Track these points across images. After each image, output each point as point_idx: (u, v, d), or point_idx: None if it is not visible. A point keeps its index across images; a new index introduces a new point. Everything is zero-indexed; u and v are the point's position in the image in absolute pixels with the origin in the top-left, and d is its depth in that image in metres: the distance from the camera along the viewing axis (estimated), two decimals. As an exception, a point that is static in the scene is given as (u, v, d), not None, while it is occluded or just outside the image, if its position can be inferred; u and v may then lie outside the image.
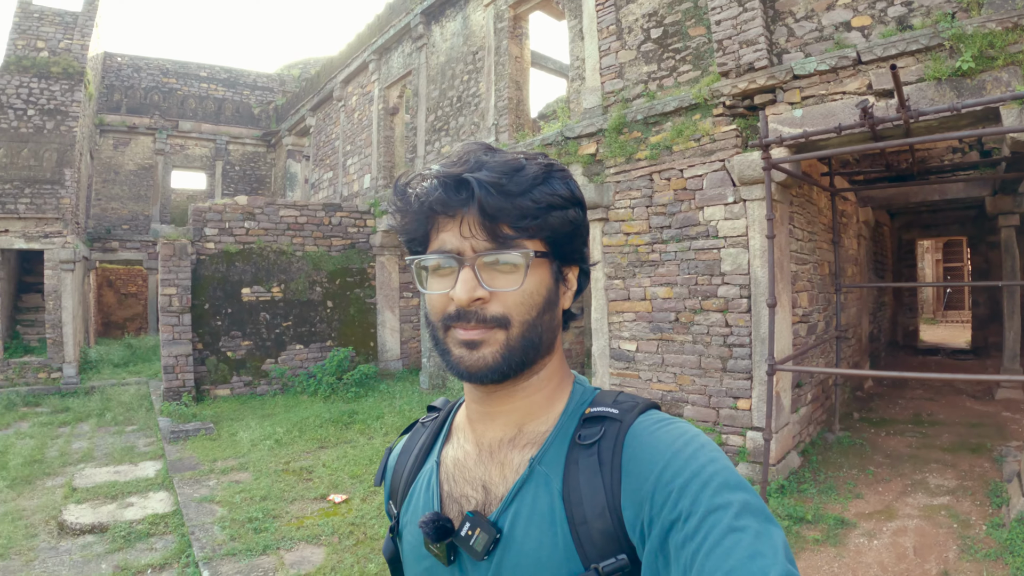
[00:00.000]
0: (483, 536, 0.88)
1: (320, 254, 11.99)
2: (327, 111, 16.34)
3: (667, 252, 6.63)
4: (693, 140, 6.30)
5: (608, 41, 7.34)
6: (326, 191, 15.90)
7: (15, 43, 14.04)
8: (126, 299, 20.99)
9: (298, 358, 11.72)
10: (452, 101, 10.69)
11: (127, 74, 20.13)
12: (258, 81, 21.89)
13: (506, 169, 0.85)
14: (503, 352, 0.87)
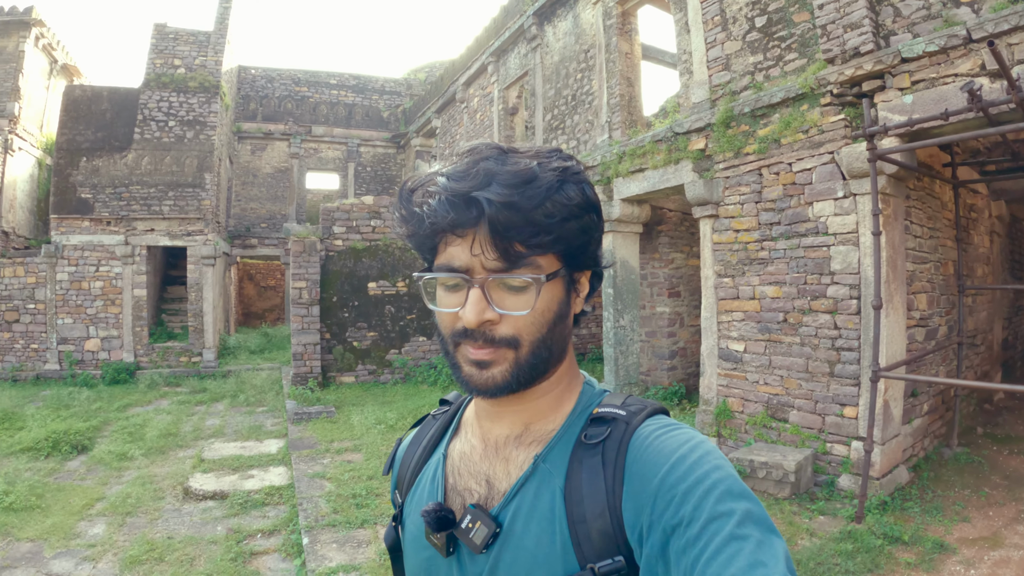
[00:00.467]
0: (483, 529, 0.89)
1: None
2: (451, 113, 16.76)
3: (776, 250, 6.38)
4: (801, 132, 6.01)
5: (713, 32, 7.14)
6: None
7: (153, 62, 15.49)
8: (265, 291, 22.64)
9: (421, 349, 12.19)
10: (567, 100, 10.71)
11: (261, 84, 21.54)
12: (386, 86, 22.76)
13: (517, 181, 0.82)
14: (512, 371, 0.86)
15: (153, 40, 15.65)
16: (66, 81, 20.80)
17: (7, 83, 18.23)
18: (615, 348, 8.82)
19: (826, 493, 5.66)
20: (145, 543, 5.38)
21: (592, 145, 9.80)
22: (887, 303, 5.42)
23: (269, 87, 21.61)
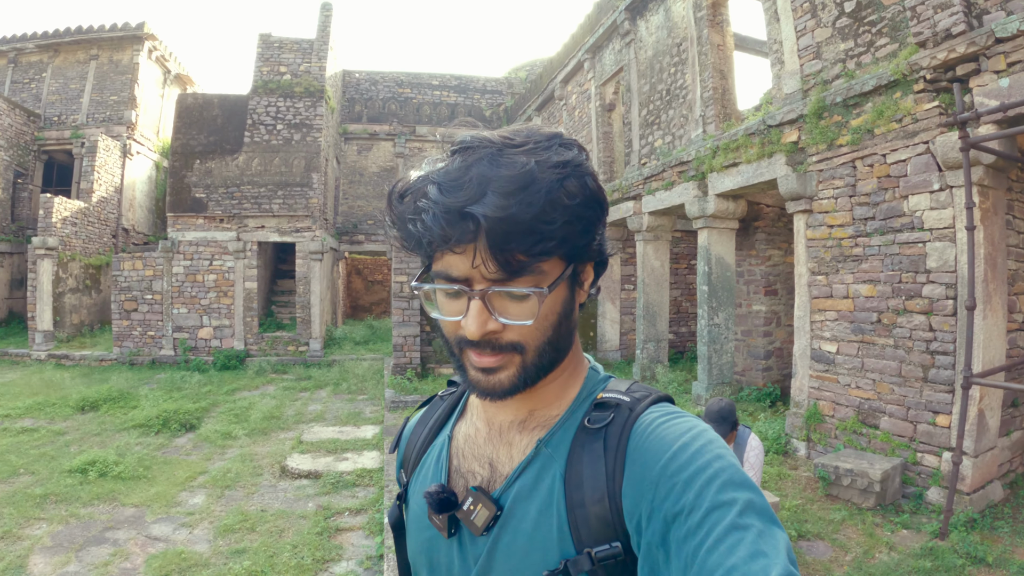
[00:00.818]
0: (484, 512, 0.90)
1: None
2: (551, 110, 16.85)
3: (870, 246, 6.02)
4: (894, 121, 5.63)
5: (803, 20, 6.81)
6: None
7: (260, 70, 16.52)
8: (372, 285, 23.56)
9: None
10: (661, 94, 10.53)
11: (365, 87, 22.31)
12: (487, 85, 23.03)
13: (514, 187, 0.78)
14: (519, 375, 0.86)
15: (259, 49, 16.69)
16: (179, 89, 22.66)
17: (124, 93, 20.15)
18: (709, 347, 8.62)
19: (912, 506, 5.34)
20: (239, 514, 5.83)
21: (687, 140, 9.59)
22: (984, 304, 5.02)
23: (373, 90, 22.34)
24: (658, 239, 10.68)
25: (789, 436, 7.01)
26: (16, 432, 8.83)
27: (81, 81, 20.61)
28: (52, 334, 15.98)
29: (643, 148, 11.18)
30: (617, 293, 12.55)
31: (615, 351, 12.44)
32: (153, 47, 20.78)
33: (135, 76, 20.12)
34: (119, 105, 20.19)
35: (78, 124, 20.13)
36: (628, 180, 10.94)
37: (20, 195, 20.62)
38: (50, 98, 20.74)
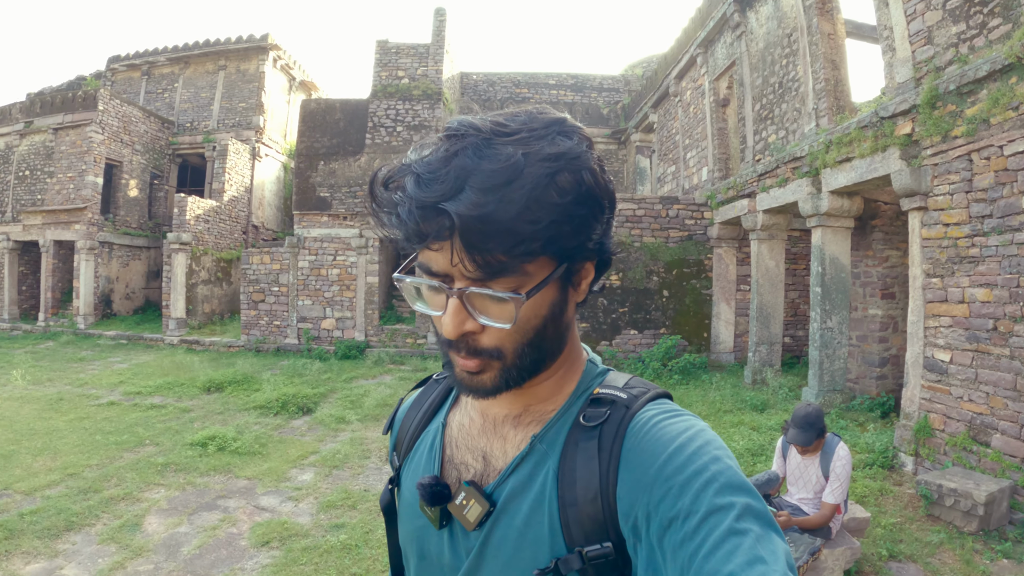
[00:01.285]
0: (476, 508, 0.90)
1: (657, 245, 12.43)
2: (666, 107, 16.67)
3: (987, 246, 5.61)
4: (1011, 109, 5.21)
5: (912, 3, 6.43)
6: (670, 185, 16.29)
7: (379, 75, 17.35)
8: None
9: (631, 343, 12.39)
10: (774, 88, 10.28)
11: (482, 88, 22.90)
12: (604, 83, 23.05)
13: (495, 182, 0.74)
14: (502, 377, 0.85)
15: (377, 55, 17.56)
16: (304, 95, 24.26)
17: (252, 100, 21.81)
18: (820, 351, 8.33)
19: (1018, 534, 4.97)
20: (343, 492, 6.33)
21: (800, 135, 9.29)
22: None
23: (491, 90, 22.91)
24: (773, 238, 10.42)
25: (896, 450, 6.67)
26: (146, 408, 9.99)
27: (211, 90, 22.57)
28: (184, 321, 17.66)
29: (757, 144, 10.93)
30: (732, 293, 12.30)
31: (728, 353, 12.22)
32: (277, 56, 22.41)
33: (261, 84, 21.81)
34: (247, 111, 21.93)
35: (209, 129, 22.08)
36: (742, 177, 10.71)
37: (156, 195, 22.82)
38: (182, 106, 22.86)
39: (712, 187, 12.57)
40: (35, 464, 7.25)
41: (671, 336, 12.00)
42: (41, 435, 8.50)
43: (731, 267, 12.30)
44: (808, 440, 4.08)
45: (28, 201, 21.16)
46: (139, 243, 21.98)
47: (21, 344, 18.32)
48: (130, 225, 21.68)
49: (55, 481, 6.65)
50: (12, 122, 21.83)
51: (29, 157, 21.43)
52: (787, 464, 4.46)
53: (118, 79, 24.68)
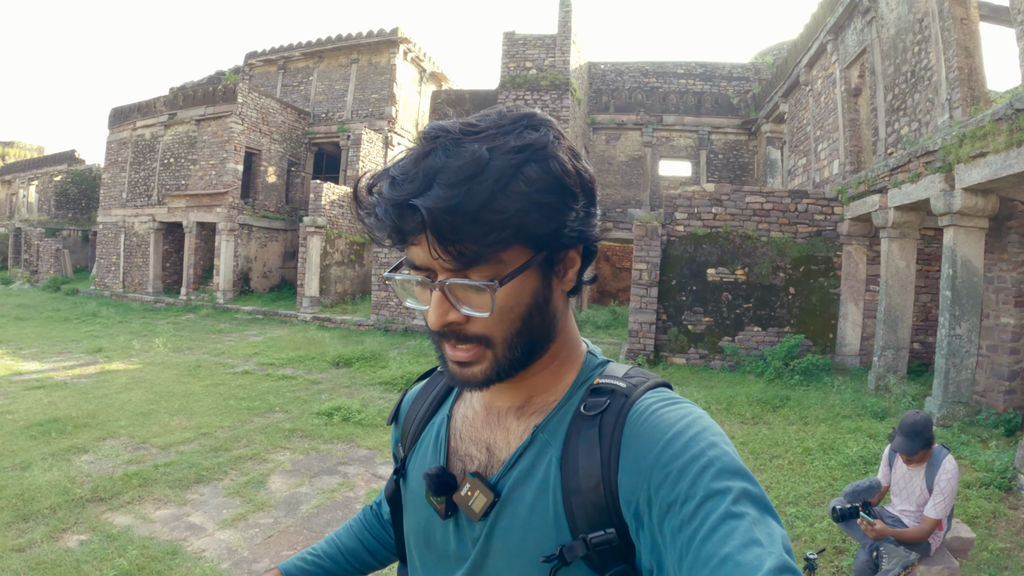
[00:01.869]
0: (481, 498, 0.93)
1: (785, 240, 12.38)
2: (797, 96, 16.46)
3: None
4: None
5: None
6: (800, 178, 16.07)
7: (507, 66, 18.13)
8: (619, 272, 24.48)
9: (754, 340, 12.43)
10: (906, 77, 10.07)
11: (611, 78, 23.37)
12: (733, 72, 23.01)
13: (461, 177, 0.79)
14: (493, 367, 0.89)
15: (504, 47, 18.37)
16: (435, 86, 25.71)
17: (383, 91, 23.37)
18: (947, 360, 8.16)
19: None
20: None
21: (933, 127, 9.10)
22: None
23: (619, 80, 23.35)
24: (904, 237, 10.17)
25: (1017, 471, 6.45)
26: (277, 378, 11.16)
27: (344, 82, 24.35)
28: (317, 300, 19.29)
29: (889, 136, 10.75)
30: (861, 294, 12.10)
31: (854, 356, 12.04)
32: (408, 49, 23.85)
33: (392, 76, 23.32)
34: (379, 102, 23.51)
35: (343, 120, 23.79)
36: (874, 172, 10.46)
37: (293, 181, 24.81)
38: (317, 97, 24.80)
39: (843, 181, 12.36)
40: (172, 422, 8.28)
41: (795, 335, 11.99)
42: (179, 397, 9.67)
43: (860, 266, 12.09)
44: (913, 449, 4.00)
45: (172, 186, 23.51)
46: (276, 226, 24.07)
47: (163, 315, 20.74)
48: (268, 209, 23.76)
49: (189, 439, 7.60)
50: (157, 114, 24.61)
51: (173, 146, 23.99)
52: (892, 474, 4.38)
53: (255, 73, 26.95)
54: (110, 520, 5.37)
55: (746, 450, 7.24)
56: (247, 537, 5.24)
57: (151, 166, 24.98)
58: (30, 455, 6.77)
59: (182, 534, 5.21)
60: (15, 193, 41.20)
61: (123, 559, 4.60)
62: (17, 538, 4.89)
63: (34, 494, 5.71)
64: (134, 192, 25.77)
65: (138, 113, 25.87)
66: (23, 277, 33.18)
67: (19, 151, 50.23)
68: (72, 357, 13.34)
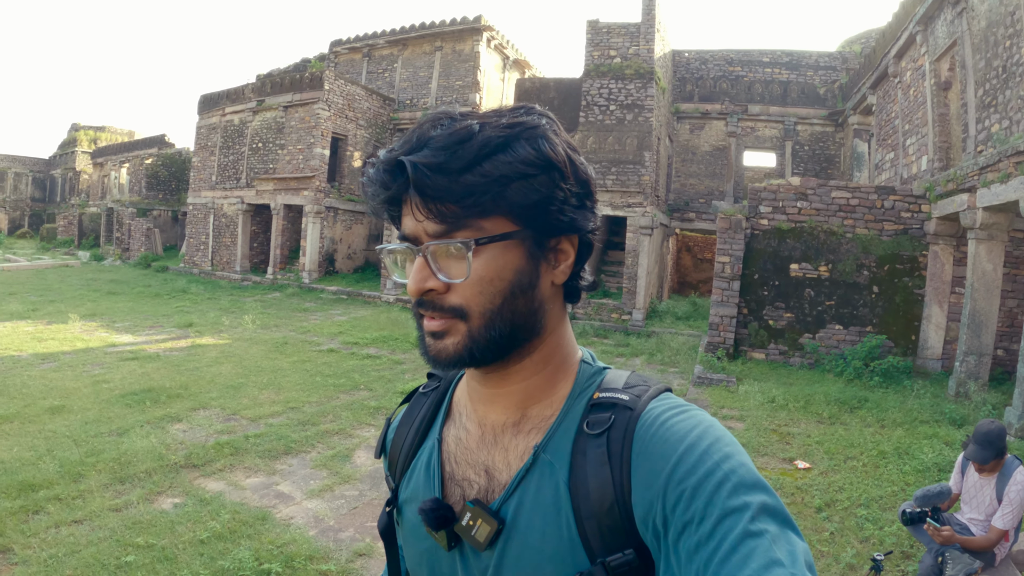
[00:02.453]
0: (485, 527, 0.91)
1: (870, 237, 12.45)
2: (885, 88, 16.24)
3: None
4: None
5: None
6: (888, 173, 15.91)
7: (591, 54, 18.47)
8: (701, 263, 24.72)
9: (835, 338, 12.51)
10: (997, 72, 9.97)
11: (695, 67, 23.47)
12: (820, 61, 22.84)
13: (449, 142, 0.83)
14: (465, 343, 0.88)
15: (588, 35, 18.71)
16: (518, 74, 26.43)
17: (467, 78, 24.26)
18: None
19: None
20: None
21: (1023, 125, 9.04)
22: None
23: (703, 69, 23.46)
24: (992, 239, 10.10)
25: None
26: (361, 357, 11.91)
27: (428, 69, 25.29)
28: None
29: (979, 134, 10.65)
30: (946, 296, 12.03)
31: (936, 360, 12.00)
32: (491, 36, 24.59)
33: (476, 63, 24.10)
34: (463, 89, 24.31)
35: (427, 106, 24.87)
36: (963, 169, 10.45)
37: None
38: (402, 84, 25.86)
39: (931, 178, 12.31)
40: (261, 396, 8.94)
41: (876, 335, 12.03)
42: (267, 372, 10.44)
43: (947, 267, 12.01)
44: (985, 458, 4.09)
45: (260, 170, 24.82)
46: (361, 209, 25.25)
47: (251, 293, 22.05)
48: (354, 193, 24.87)
49: (277, 412, 8.21)
50: (245, 101, 26.15)
51: (261, 131, 25.43)
52: (964, 482, 4.46)
53: (340, 61, 28.17)
54: (203, 486, 5.86)
55: (821, 450, 7.43)
56: (333, 507, 5.65)
57: (240, 150, 26.49)
58: (126, 422, 7.46)
59: (271, 501, 5.67)
60: (107, 175, 43.92)
61: (215, 522, 5.03)
62: (114, 499, 5.40)
63: (130, 459, 6.26)
64: (223, 175, 27.34)
65: (227, 100, 27.43)
66: (115, 254, 35.45)
67: (110, 135, 53.93)
68: (164, 331, 14.39)
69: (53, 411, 7.78)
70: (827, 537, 5.27)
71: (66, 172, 55.18)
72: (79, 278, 24.94)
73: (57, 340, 12.52)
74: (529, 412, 0.97)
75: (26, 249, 42.21)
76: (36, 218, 56.92)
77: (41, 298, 18.83)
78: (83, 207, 45.23)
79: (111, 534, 4.75)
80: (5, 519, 4.91)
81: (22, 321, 14.70)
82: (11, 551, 4.50)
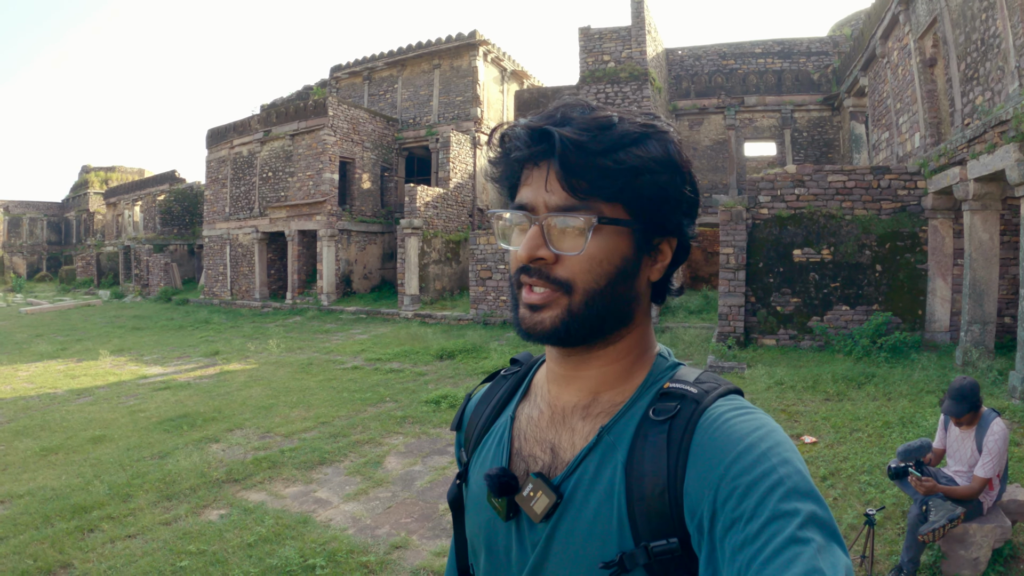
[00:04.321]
0: (544, 499, 0.93)
1: (869, 217, 12.55)
2: (875, 69, 16.43)
3: None
4: None
5: None
6: (884, 152, 16.10)
7: (585, 60, 18.86)
8: (711, 257, 24.84)
9: (842, 319, 12.65)
10: (976, 45, 10.17)
11: (689, 63, 23.86)
12: (811, 47, 23.13)
13: (592, 126, 0.89)
14: (563, 318, 0.91)
15: (581, 42, 19.14)
16: (517, 85, 27.04)
17: (467, 93, 24.88)
18: None
19: None
20: None
21: (1005, 96, 9.24)
22: None
23: (697, 65, 23.85)
24: (986, 208, 10.26)
25: None
26: (385, 372, 12.26)
27: (428, 87, 25.93)
28: (418, 297, 20.73)
29: (965, 107, 10.87)
30: (949, 268, 12.18)
31: (944, 332, 12.16)
32: (487, 50, 25.16)
33: (475, 78, 24.68)
34: (464, 104, 24.86)
35: (431, 124, 25.33)
36: (952, 144, 10.60)
37: (387, 185, 26.51)
38: (403, 104, 26.47)
39: (924, 154, 12.45)
40: (292, 414, 9.31)
41: (882, 313, 12.14)
42: (295, 392, 10.81)
43: (947, 240, 12.11)
44: (960, 412, 4.28)
45: (272, 198, 25.42)
46: (374, 229, 25.83)
47: (272, 319, 22.51)
48: (365, 213, 25.44)
49: (309, 427, 8.57)
50: (252, 132, 26.90)
51: (270, 160, 26.09)
52: (948, 437, 4.65)
53: (342, 86, 28.85)
54: (245, 497, 6.19)
55: (828, 425, 7.58)
56: (369, 508, 5.99)
57: (250, 180, 27.17)
58: (166, 446, 7.86)
59: (311, 507, 5.99)
60: (120, 214, 44.80)
61: (261, 527, 5.38)
62: (163, 514, 5.74)
63: (175, 477, 6.63)
64: (236, 206, 28.03)
65: (234, 132, 28.18)
66: (135, 291, 36.33)
67: (121, 175, 55.40)
68: (191, 360, 14.82)
69: (95, 440, 8.20)
70: (831, 502, 5.38)
71: (80, 214, 56.47)
72: (102, 316, 25.55)
73: (89, 376, 13.00)
74: (600, 397, 1.00)
75: (47, 292, 43.34)
76: (53, 261, 58.46)
77: (68, 337, 19.35)
78: (99, 247, 46.24)
79: (164, 544, 5.11)
80: (63, 538, 5.25)
81: (52, 360, 15.19)
82: (71, 566, 4.84)
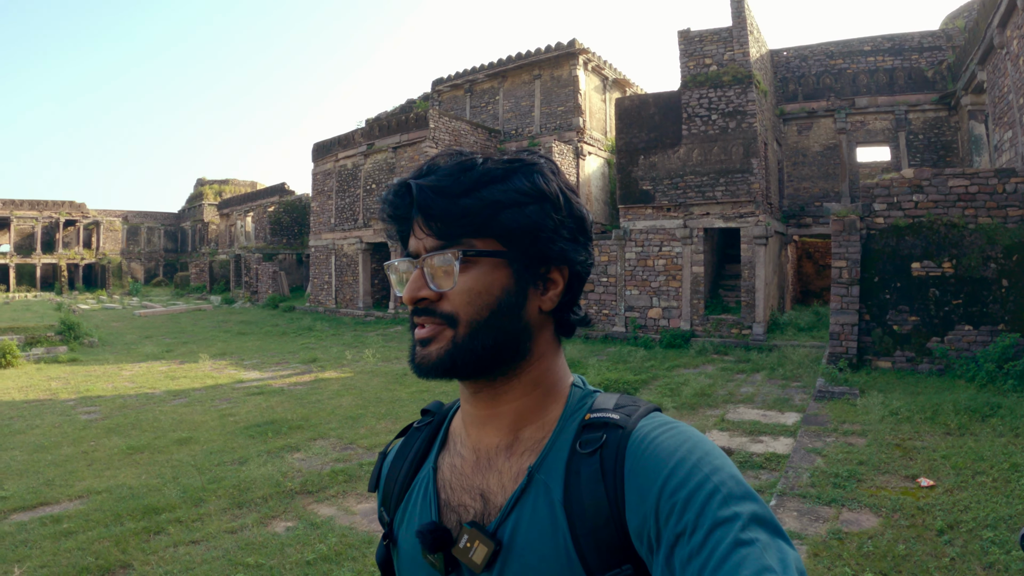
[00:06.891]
0: (482, 548, 0.93)
1: (994, 226, 11.78)
2: (994, 62, 15.32)
3: None
4: None
5: None
6: (1008, 154, 14.94)
7: (686, 65, 18.50)
8: (823, 270, 24.04)
9: (964, 340, 11.79)
10: None
11: (795, 65, 23.10)
12: (923, 42, 21.93)
13: (453, 171, 0.93)
14: (448, 348, 0.94)
15: (681, 46, 18.80)
16: (618, 93, 27.15)
17: (569, 103, 25.10)
18: None
19: None
20: None
21: None
22: None
23: (803, 66, 23.07)
24: None
25: None
26: None
27: (530, 98, 26.23)
28: None
29: None
30: None
31: None
32: (587, 59, 25.30)
33: (576, 87, 24.86)
34: (566, 114, 25.08)
35: (533, 134, 25.57)
36: None
37: None
38: (505, 115, 26.86)
39: None
40: (378, 426, 9.46)
41: (1009, 334, 11.20)
42: (385, 403, 11.05)
43: None
44: None
45: (375, 210, 26.34)
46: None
47: (373, 328, 23.27)
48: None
49: None
50: (356, 146, 28.07)
51: (373, 173, 27.18)
52: None
53: (444, 99, 29.53)
54: (315, 511, 6.25)
55: (947, 465, 7.00)
56: None
57: (355, 192, 28.23)
58: (247, 452, 8.13)
59: (379, 527, 6.07)
60: (233, 224, 47.43)
61: (323, 544, 5.38)
62: (231, 522, 5.89)
63: (249, 485, 6.79)
64: (341, 217, 29.13)
65: (339, 146, 29.37)
66: (244, 297, 38.32)
67: (234, 187, 60.02)
68: (289, 367, 15.38)
69: (181, 442, 8.63)
70: (947, 563, 4.85)
71: (195, 224, 60.62)
72: (210, 321, 27.02)
73: (188, 378, 13.74)
74: (521, 435, 1.00)
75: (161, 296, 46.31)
76: (169, 267, 63.68)
77: (175, 340, 20.48)
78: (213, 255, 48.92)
79: (224, 554, 5.26)
80: (128, 538, 5.53)
81: (156, 361, 16.15)
82: (131, 567, 5.07)
